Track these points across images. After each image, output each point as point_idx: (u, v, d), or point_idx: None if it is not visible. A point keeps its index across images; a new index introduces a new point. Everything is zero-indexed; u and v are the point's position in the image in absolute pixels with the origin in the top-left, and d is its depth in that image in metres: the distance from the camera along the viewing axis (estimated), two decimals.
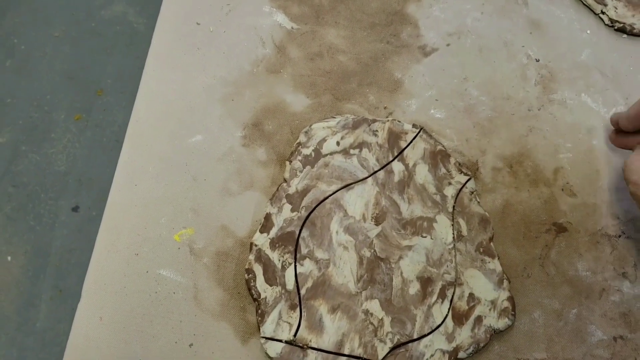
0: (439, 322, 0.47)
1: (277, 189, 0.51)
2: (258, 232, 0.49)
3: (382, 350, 0.45)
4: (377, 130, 0.54)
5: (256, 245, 0.49)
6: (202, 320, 0.47)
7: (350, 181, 0.52)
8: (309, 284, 0.47)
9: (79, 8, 0.65)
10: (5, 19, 0.63)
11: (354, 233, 0.49)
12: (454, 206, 0.51)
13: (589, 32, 0.63)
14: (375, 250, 0.49)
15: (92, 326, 0.46)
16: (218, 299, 0.48)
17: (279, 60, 0.59)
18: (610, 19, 0.63)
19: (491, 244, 0.50)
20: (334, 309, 0.47)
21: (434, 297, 0.48)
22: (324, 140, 0.53)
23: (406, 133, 0.54)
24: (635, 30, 0.62)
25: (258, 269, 0.48)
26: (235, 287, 0.49)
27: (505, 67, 0.60)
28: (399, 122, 0.55)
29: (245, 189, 0.53)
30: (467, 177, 0.53)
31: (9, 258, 0.51)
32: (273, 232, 0.49)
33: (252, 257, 0.48)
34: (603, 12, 0.63)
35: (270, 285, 0.47)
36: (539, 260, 0.51)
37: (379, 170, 0.52)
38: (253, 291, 0.47)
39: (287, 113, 0.56)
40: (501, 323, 0.47)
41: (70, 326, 0.47)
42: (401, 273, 0.48)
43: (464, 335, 0.46)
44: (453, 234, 0.50)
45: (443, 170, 0.53)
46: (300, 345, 0.45)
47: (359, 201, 0.51)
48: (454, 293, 0.48)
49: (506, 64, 0.61)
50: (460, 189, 0.52)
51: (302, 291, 0.47)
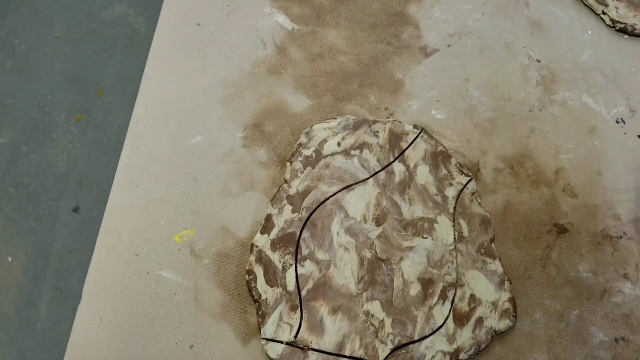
0: (440, 323, 0.47)
1: (278, 190, 0.51)
2: (259, 233, 0.49)
3: (383, 351, 0.45)
4: (378, 131, 0.54)
5: (257, 247, 0.49)
6: (203, 322, 0.47)
7: (351, 182, 0.51)
8: (310, 285, 0.47)
9: (79, 9, 0.64)
10: (5, 19, 0.63)
11: (354, 234, 0.49)
12: (455, 207, 0.51)
13: (590, 32, 0.63)
14: (376, 251, 0.49)
15: (92, 327, 0.46)
16: (219, 300, 0.48)
17: (279, 61, 0.59)
18: (612, 20, 0.63)
19: (492, 245, 0.50)
20: (335, 310, 0.47)
21: (435, 299, 0.47)
22: (324, 141, 0.53)
23: (407, 134, 0.54)
24: (636, 31, 0.62)
25: (259, 270, 0.48)
26: (235, 289, 0.48)
27: (506, 68, 0.60)
28: (400, 122, 0.55)
29: (246, 190, 0.52)
30: (468, 178, 0.53)
31: (9, 259, 0.51)
32: (274, 233, 0.49)
33: (252, 258, 0.48)
34: (604, 13, 0.63)
35: (271, 287, 0.47)
36: (540, 261, 0.51)
37: (380, 171, 0.52)
38: (254, 292, 0.47)
39: (288, 114, 0.56)
40: (502, 324, 0.47)
41: (70, 327, 0.47)
42: (402, 274, 0.48)
43: (465, 337, 0.46)
44: (454, 235, 0.50)
45: (444, 171, 0.53)
46: (301, 346, 0.45)
47: (359, 202, 0.51)
48: (455, 294, 0.48)
49: (507, 64, 0.60)
50: (461, 190, 0.52)
51: (303, 292, 0.47)
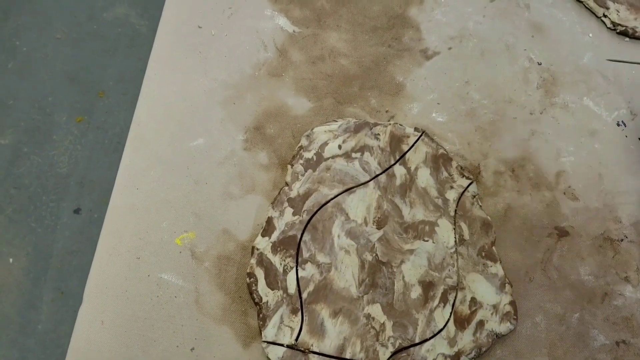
0: (440, 326, 0.47)
1: (279, 193, 0.51)
2: (260, 236, 0.49)
3: (384, 354, 0.45)
4: (378, 134, 0.54)
5: (258, 249, 0.49)
6: (204, 324, 0.47)
7: (352, 185, 0.51)
8: (311, 288, 0.47)
9: (80, 10, 0.64)
10: (7, 21, 0.63)
11: (355, 237, 0.49)
12: (455, 210, 0.51)
13: (590, 35, 0.63)
14: (376, 254, 0.49)
15: (93, 330, 0.46)
16: (219, 303, 0.48)
17: (280, 63, 0.59)
18: (612, 22, 0.63)
19: (493, 248, 0.50)
20: (336, 313, 0.47)
21: (436, 302, 0.47)
22: (325, 143, 0.53)
23: (408, 137, 0.54)
24: (637, 34, 0.62)
25: (260, 273, 0.48)
26: (236, 291, 0.48)
27: (507, 71, 0.60)
28: (401, 125, 0.55)
29: (247, 192, 0.52)
30: (469, 181, 0.53)
31: (10, 260, 0.51)
32: (275, 236, 0.49)
33: (253, 261, 0.48)
34: (605, 16, 0.63)
35: (272, 289, 0.47)
36: (541, 264, 0.51)
37: (381, 173, 0.52)
38: (254, 295, 0.47)
39: (289, 116, 0.56)
40: (503, 327, 0.47)
41: (71, 328, 0.47)
42: (403, 277, 0.48)
43: (466, 340, 0.46)
44: (455, 237, 0.50)
45: (445, 174, 0.53)
46: (302, 349, 0.45)
47: (360, 205, 0.51)
48: (455, 297, 0.48)
49: (508, 67, 0.60)
50: (462, 193, 0.52)
51: (304, 295, 0.47)
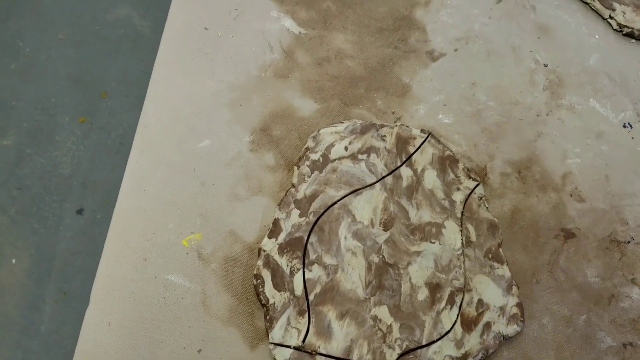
0: (447, 328, 0.47)
1: (286, 194, 0.51)
2: (266, 238, 0.49)
3: (391, 356, 0.45)
4: (385, 136, 0.54)
5: (264, 251, 0.49)
6: (211, 326, 0.47)
7: (359, 186, 0.51)
8: (318, 289, 0.47)
9: (83, 11, 0.64)
10: (9, 22, 0.63)
11: (362, 238, 0.49)
12: (462, 212, 0.51)
13: (597, 36, 0.63)
14: (383, 256, 0.49)
15: (100, 332, 0.46)
16: (226, 305, 0.48)
17: (286, 65, 0.59)
18: (619, 24, 0.63)
19: (500, 249, 0.50)
20: (343, 315, 0.46)
21: (443, 303, 0.47)
22: (332, 145, 0.53)
23: (414, 138, 0.54)
24: None
25: (266, 275, 0.48)
26: (243, 293, 0.48)
27: (513, 72, 0.60)
28: (407, 127, 0.55)
29: (254, 194, 0.52)
30: (476, 183, 0.53)
31: (13, 261, 0.51)
32: (281, 237, 0.49)
33: (260, 262, 0.48)
34: (611, 17, 0.63)
35: (279, 291, 0.47)
36: (547, 266, 0.51)
37: (387, 175, 0.52)
38: (261, 297, 0.47)
39: (295, 118, 0.56)
40: (510, 329, 0.47)
41: (75, 329, 0.47)
42: (410, 279, 0.48)
43: (473, 342, 0.46)
44: (462, 239, 0.50)
45: (451, 175, 0.53)
46: (309, 351, 0.45)
47: (367, 206, 0.51)
48: (462, 299, 0.48)
49: (514, 69, 0.60)
50: (469, 195, 0.52)
51: (311, 297, 0.47)
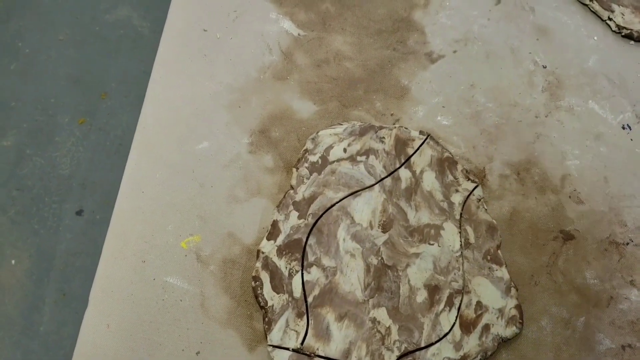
0: (446, 330, 0.47)
1: (284, 196, 0.51)
2: (265, 240, 0.49)
3: (390, 358, 0.45)
4: (384, 137, 0.54)
5: (263, 253, 0.49)
6: (209, 328, 0.47)
7: (357, 188, 0.51)
8: (316, 291, 0.47)
9: (83, 12, 0.64)
10: (10, 22, 0.63)
11: (361, 240, 0.49)
12: (461, 213, 0.51)
13: (595, 38, 0.63)
14: (382, 258, 0.49)
15: (99, 334, 0.46)
16: (225, 307, 0.48)
17: (285, 66, 0.59)
18: (618, 26, 0.63)
19: (498, 251, 0.50)
20: (341, 317, 0.46)
21: (442, 305, 0.47)
22: (330, 147, 0.53)
23: (413, 140, 0.54)
24: None
25: (265, 277, 0.48)
26: (242, 295, 0.48)
27: (512, 74, 0.60)
28: (406, 129, 0.55)
29: (252, 196, 0.52)
30: (475, 184, 0.53)
31: (13, 262, 0.51)
32: (280, 239, 0.49)
33: (259, 264, 0.48)
34: (610, 19, 0.63)
35: (277, 293, 0.47)
36: (546, 268, 0.51)
37: (386, 177, 0.52)
38: (260, 299, 0.47)
39: (294, 120, 0.56)
40: (509, 331, 0.47)
41: (74, 330, 0.47)
42: (408, 281, 0.48)
43: (472, 344, 0.46)
44: (460, 241, 0.50)
45: (450, 177, 0.53)
46: (307, 353, 0.45)
47: (366, 208, 0.51)
48: (461, 301, 0.48)
49: (513, 70, 0.60)
50: (468, 196, 0.52)
51: (309, 299, 0.47)
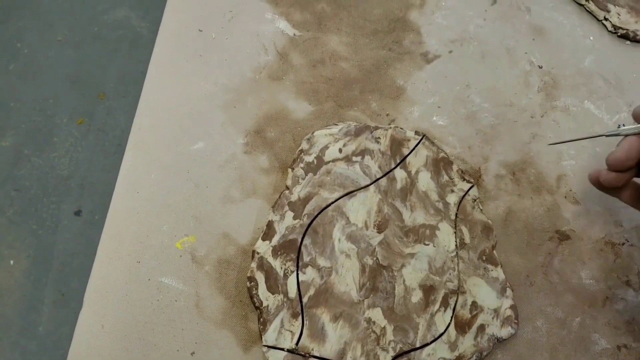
0: (441, 330, 0.47)
1: (279, 197, 0.51)
2: (260, 240, 0.49)
3: (385, 358, 0.45)
4: (379, 138, 0.54)
5: (258, 253, 0.49)
6: (204, 329, 0.47)
7: (353, 188, 0.51)
8: (311, 292, 0.47)
9: (81, 12, 0.65)
10: (8, 23, 0.63)
11: (356, 241, 0.49)
12: (456, 214, 0.51)
13: (591, 38, 0.63)
14: (377, 258, 0.49)
15: (93, 334, 0.46)
16: (220, 307, 0.48)
17: (281, 67, 0.59)
18: (614, 26, 0.63)
19: (494, 251, 0.50)
20: (336, 318, 0.46)
21: (437, 306, 0.47)
22: (326, 147, 0.53)
23: (408, 140, 0.54)
24: (638, 37, 0.62)
25: (260, 277, 0.48)
26: (237, 295, 0.48)
27: (508, 74, 0.60)
28: (402, 129, 0.55)
29: (247, 196, 0.52)
30: (470, 185, 0.53)
31: (11, 262, 0.51)
32: (275, 239, 0.49)
33: (254, 264, 0.48)
34: (606, 19, 0.63)
35: (273, 294, 0.47)
36: (542, 268, 0.51)
37: (382, 177, 0.52)
38: (255, 299, 0.47)
39: (289, 120, 0.56)
40: (504, 332, 0.47)
41: (72, 330, 0.47)
42: (404, 281, 0.48)
43: (467, 344, 0.46)
44: (456, 241, 0.50)
45: (445, 177, 0.53)
46: (302, 353, 0.45)
47: (361, 209, 0.51)
48: (456, 301, 0.48)
49: (509, 70, 0.60)
50: (463, 197, 0.52)
51: (304, 299, 0.47)
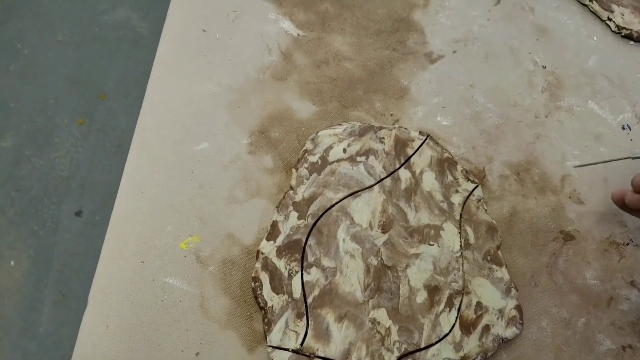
0: (446, 331, 0.46)
1: (284, 197, 0.51)
2: (264, 240, 0.49)
3: (390, 359, 0.45)
4: (383, 138, 0.54)
5: (263, 253, 0.49)
6: (209, 329, 0.47)
7: (357, 189, 0.51)
8: (316, 292, 0.47)
9: (82, 13, 0.65)
10: (9, 23, 0.63)
11: (360, 241, 0.49)
12: (461, 214, 0.51)
13: (595, 38, 0.63)
14: (382, 259, 0.49)
15: (98, 335, 0.46)
16: (224, 308, 0.48)
17: (285, 67, 0.59)
18: (617, 26, 0.63)
19: (499, 252, 0.50)
20: (341, 318, 0.46)
21: (442, 306, 0.47)
22: (330, 147, 0.53)
23: (413, 140, 0.54)
24: None
25: (265, 277, 0.48)
26: (241, 296, 0.48)
27: (512, 74, 0.60)
28: (406, 129, 0.55)
29: (252, 196, 0.52)
30: (474, 185, 0.52)
31: (12, 263, 0.51)
32: (280, 240, 0.49)
33: (258, 265, 0.48)
34: (610, 19, 0.63)
35: (277, 294, 0.47)
36: (546, 268, 0.51)
37: (386, 177, 0.52)
38: (260, 299, 0.47)
39: (294, 120, 0.56)
40: (509, 332, 0.47)
41: (73, 330, 0.47)
42: (408, 281, 0.48)
43: (472, 345, 0.46)
44: (460, 242, 0.50)
45: (450, 177, 0.53)
46: (307, 354, 0.45)
47: (365, 209, 0.50)
48: (461, 302, 0.48)
49: (513, 70, 0.60)
50: (468, 197, 0.52)
51: (309, 300, 0.47)
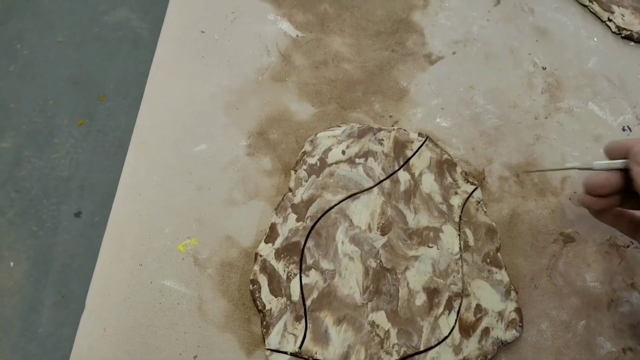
0: (445, 333, 0.46)
1: (282, 199, 0.51)
2: (263, 242, 0.49)
3: None
4: (382, 139, 0.54)
5: (261, 256, 0.48)
6: (207, 332, 0.47)
7: (356, 191, 0.51)
8: (315, 295, 0.47)
9: (82, 13, 0.64)
10: (8, 24, 0.63)
11: (359, 243, 0.49)
12: (460, 216, 0.51)
13: (595, 39, 0.63)
14: (381, 261, 0.48)
15: (95, 337, 0.46)
16: (223, 310, 0.48)
17: (283, 68, 0.59)
18: (617, 27, 0.62)
19: (498, 254, 0.50)
20: (340, 321, 0.46)
21: (441, 309, 0.47)
22: (329, 149, 0.53)
23: (412, 142, 0.54)
24: None
25: (263, 280, 0.47)
26: (240, 298, 0.48)
27: (512, 75, 0.60)
28: (405, 130, 0.54)
29: (250, 198, 0.52)
30: (474, 187, 0.52)
31: (11, 264, 0.51)
32: (278, 242, 0.49)
33: (257, 267, 0.48)
34: (610, 20, 0.63)
35: (276, 297, 0.47)
36: (546, 270, 0.51)
37: (385, 179, 0.52)
38: (258, 302, 0.47)
39: (292, 122, 0.56)
40: (509, 335, 0.47)
41: (72, 332, 0.47)
42: (407, 284, 0.48)
43: (471, 347, 0.46)
44: (459, 244, 0.50)
45: (449, 179, 0.52)
46: (306, 357, 0.45)
47: (364, 211, 0.50)
48: (460, 304, 0.47)
49: (512, 71, 0.60)
50: (467, 199, 0.52)
51: (308, 302, 0.47)
